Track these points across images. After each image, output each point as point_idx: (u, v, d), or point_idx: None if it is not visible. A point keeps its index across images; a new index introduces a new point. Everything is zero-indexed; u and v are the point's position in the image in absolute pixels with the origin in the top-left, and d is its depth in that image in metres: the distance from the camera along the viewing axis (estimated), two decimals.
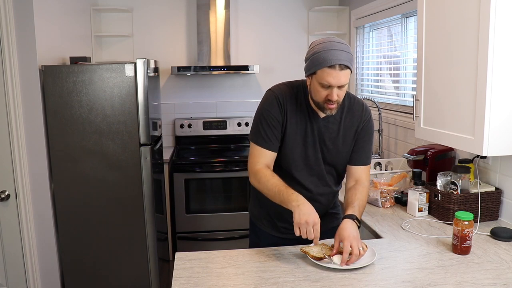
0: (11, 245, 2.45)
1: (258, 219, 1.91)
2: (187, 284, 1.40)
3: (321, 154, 1.72)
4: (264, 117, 1.68)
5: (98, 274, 2.68)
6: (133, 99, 2.53)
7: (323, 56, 1.50)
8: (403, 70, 3.03)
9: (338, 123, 1.72)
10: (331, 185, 1.80)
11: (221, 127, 3.97)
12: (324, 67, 1.51)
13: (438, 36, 1.81)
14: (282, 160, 1.73)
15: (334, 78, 1.51)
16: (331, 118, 1.70)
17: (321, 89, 1.56)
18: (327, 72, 1.51)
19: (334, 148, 1.72)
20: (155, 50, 3.92)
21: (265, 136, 1.67)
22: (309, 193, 1.73)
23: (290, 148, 1.70)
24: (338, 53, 1.50)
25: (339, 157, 1.75)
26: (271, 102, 1.69)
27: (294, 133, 1.69)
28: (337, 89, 1.55)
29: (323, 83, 1.53)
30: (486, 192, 1.89)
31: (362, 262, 1.48)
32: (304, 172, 1.74)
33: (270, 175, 1.67)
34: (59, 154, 2.53)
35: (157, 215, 2.78)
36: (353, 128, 1.74)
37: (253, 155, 1.71)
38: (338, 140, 1.72)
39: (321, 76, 1.53)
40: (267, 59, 4.04)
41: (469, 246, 1.58)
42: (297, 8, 4.05)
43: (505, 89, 1.54)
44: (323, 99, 1.57)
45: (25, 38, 2.35)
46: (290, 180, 1.71)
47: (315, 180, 1.75)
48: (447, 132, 1.77)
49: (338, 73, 1.51)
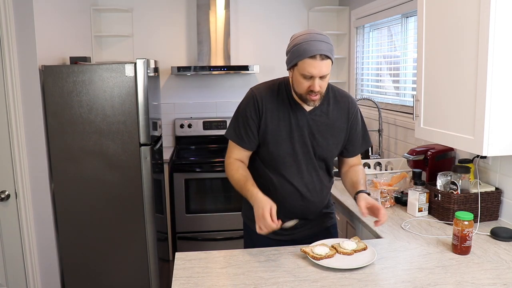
0: (11, 245, 2.46)
1: (252, 221, 1.90)
2: (187, 284, 1.40)
3: (312, 148, 1.72)
4: (240, 115, 1.73)
5: (98, 274, 2.68)
6: (133, 99, 2.53)
7: (304, 47, 1.52)
8: (403, 70, 3.03)
9: (326, 115, 1.73)
10: (323, 180, 1.79)
11: (221, 127, 3.97)
12: (305, 58, 1.53)
13: (438, 36, 1.81)
14: (269, 158, 1.74)
15: (316, 68, 1.53)
16: (317, 111, 1.71)
17: (303, 80, 1.57)
18: (308, 62, 1.52)
19: (324, 141, 1.73)
20: (155, 50, 3.92)
21: (238, 134, 1.73)
22: (300, 191, 1.73)
23: (275, 145, 1.71)
24: (319, 43, 1.52)
25: (329, 150, 1.75)
26: (247, 101, 1.73)
27: (277, 130, 1.70)
28: (319, 80, 1.56)
29: (304, 74, 1.55)
30: (486, 192, 1.89)
31: (362, 262, 1.48)
32: (294, 169, 1.73)
33: (236, 168, 1.72)
34: (59, 154, 2.53)
35: (157, 215, 2.77)
36: (341, 120, 1.75)
37: (228, 150, 1.78)
38: (328, 132, 1.73)
39: (302, 67, 1.55)
40: (267, 59, 4.04)
41: (469, 246, 1.58)
42: (297, 8, 4.06)
43: (505, 89, 1.54)
44: (306, 90, 1.59)
45: (25, 38, 2.35)
46: (280, 179, 1.73)
47: (306, 176, 1.75)
48: (447, 132, 1.77)
49: (319, 63, 1.52)
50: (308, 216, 1.81)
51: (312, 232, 1.81)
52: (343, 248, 1.54)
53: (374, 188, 2.16)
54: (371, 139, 1.92)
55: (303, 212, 1.78)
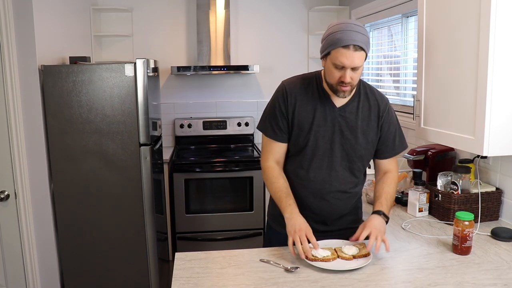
0: (11, 245, 2.45)
1: (275, 222, 1.83)
2: (187, 284, 1.39)
3: (340, 145, 1.66)
4: (271, 107, 1.72)
5: (97, 274, 2.67)
6: (133, 99, 2.53)
7: (338, 36, 1.49)
8: (403, 70, 3.03)
9: (355, 113, 1.67)
10: (347, 181, 1.71)
11: (221, 127, 3.97)
12: (338, 47, 1.50)
13: (438, 36, 1.81)
14: (292, 152, 1.72)
15: (348, 59, 1.50)
16: (347, 108, 1.67)
17: (334, 70, 1.55)
18: (341, 52, 1.50)
19: (353, 139, 1.66)
20: (155, 50, 3.92)
21: (269, 126, 1.71)
22: (316, 188, 1.69)
23: (301, 138, 1.67)
24: (354, 34, 1.49)
25: (359, 149, 1.68)
26: (277, 94, 1.72)
27: (304, 123, 1.66)
28: (350, 71, 1.53)
29: (336, 64, 1.52)
30: (486, 192, 1.89)
31: (352, 265, 1.47)
32: (314, 165, 1.68)
33: (275, 176, 1.70)
34: (59, 154, 2.52)
35: (157, 215, 2.77)
36: (372, 119, 1.69)
37: (263, 149, 1.76)
38: (358, 130, 1.67)
39: (335, 56, 1.52)
40: (267, 59, 4.04)
41: (470, 246, 1.58)
42: (297, 7, 4.05)
43: (505, 88, 1.54)
44: (337, 80, 1.56)
45: (24, 38, 2.34)
46: (301, 177, 1.70)
47: (325, 174, 1.68)
48: (448, 132, 1.77)
49: (352, 54, 1.49)
50: (326, 220, 1.74)
51: None
52: (344, 252, 1.53)
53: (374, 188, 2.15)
54: None
55: (321, 214, 1.72)
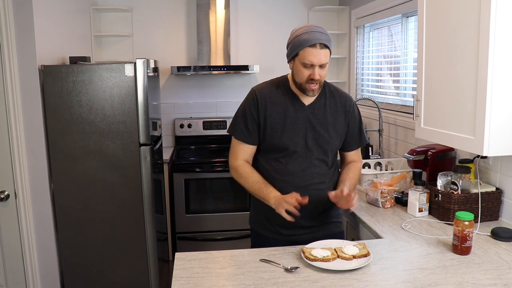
0: (11, 245, 2.45)
1: (260, 226, 1.91)
2: (187, 284, 1.39)
3: (313, 141, 1.77)
4: (242, 112, 1.82)
5: (98, 274, 2.67)
6: (133, 99, 2.53)
7: (304, 37, 1.63)
8: (403, 70, 3.02)
9: (323, 109, 1.80)
10: (324, 173, 1.82)
11: (221, 127, 3.97)
12: (305, 47, 1.63)
13: (438, 36, 1.81)
14: (269, 152, 1.80)
15: (315, 57, 1.63)
16: (316, 105, 1.79)
17: (303, 69, 1.67)
18: (309, 51, 1.63)
19: (325, 133, 1.79)
20: (155, 50, 3.92)
21: (239, 129, 1.81)
22: (299, 183, 1.76)
23: (275, 139, 1.76)
24: (318, 34, 1.64)
25: (331, 142, 1.81)
26: (247, 99, 1.82)
27: (277, 124, 1.76)
28: (318, 69, 1.66)
29: (305, 63, 1.65)
30: (486, 192, 1.89)
31: (360, 263, 1.48)
32: (294, 162, 1.78)
33: (249, 172, 1.81)
34: (59, 154, 2.52)
35: (157, 215, 2.77)
36: (339, 114, 1.82)
37: (232, 150, 1.86)
38: (328, 125, 1.79)
39: (303, 56, 1.65)
40: (267, 59, 4.04)
41: (470, 246, 1.58)
42: (297, 7, 4.05)
43: (505, 88, 1.54)
44: (306, 79, 1.68)
45: (24, 38, 2.34)
46: (281, 173, 1.76)
47: (307, 169, 1.78)
48: (448, 132, 1.77)
49: (319, 51, 1.63)
50: (310, 213, 1.80)
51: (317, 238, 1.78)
52: (344, 252, 1.53)
53: (374, 188, 2.16)
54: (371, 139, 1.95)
55: (304, 209, 1.74)
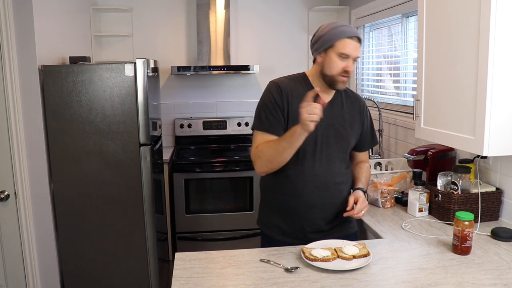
0: (11, 245, 2.45)
1: (269, 228, 1.87)
2: (187, 284, 1.39)
3: (333, 138, 1.75)
4: (266, 104, 1.73)
5: (98, 274, 2.67)
6: (133, 99, 2.53)
7: (342, 29, 1.63)
8: (403, 70, 3.02)
9: (341, 107, 1.79)
10: (342, 170, 1.80)
11: (221, 127, 3.97)
12: (344, 38, 1.62)
13: (438, 36, 1.81)
14: None
15: (353, 49, 1.63)
16: (334, 103, 1.77)
17: (338, 61, 1.64)
18: (348, 42, 1.62)
19: (344, 131, 1.78)
20: (155, 50, 3.92)
21: (265, 121, 1.71)
22: (317, 181, 1.73)
23: None
24: (354, 29, 1.66)
25: (349, 141, 1.81)
26: (270, 89, 1.74)
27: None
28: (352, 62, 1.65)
29: (343, 53, 1.63)
30: (486, 192, 1.89)
31: (360, 263, 1.48)
32: (313, 159, 1.74)
33: (266, 143, 1.68)
34: (59, 154, 2.52)
35: (157, 215, 2.77)
36: (355, 113, 1.82)
37: (255, 142, 1.74)
38: (346, 123, 1.79)
39: (342, 46, 1.62)
40: (267, 59, 4.04)
41: (470, 247, 1.58)
42: (297, 8, 4.05)
43: (505, 88, 1.53)
44: (340, 71, 1.65)
45: (24, 38, 2.34)
46: (298, 170, 1.72)
47: (325, 166, 1.75)
48: (448, 132, 1.77)
49: (356, 44, 1.64)
50: (331, 214, 1.78)
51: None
52: (344, 252, 1.53)
53: (375, 188, 2.16)
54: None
55: (322, 204, 1.76)
